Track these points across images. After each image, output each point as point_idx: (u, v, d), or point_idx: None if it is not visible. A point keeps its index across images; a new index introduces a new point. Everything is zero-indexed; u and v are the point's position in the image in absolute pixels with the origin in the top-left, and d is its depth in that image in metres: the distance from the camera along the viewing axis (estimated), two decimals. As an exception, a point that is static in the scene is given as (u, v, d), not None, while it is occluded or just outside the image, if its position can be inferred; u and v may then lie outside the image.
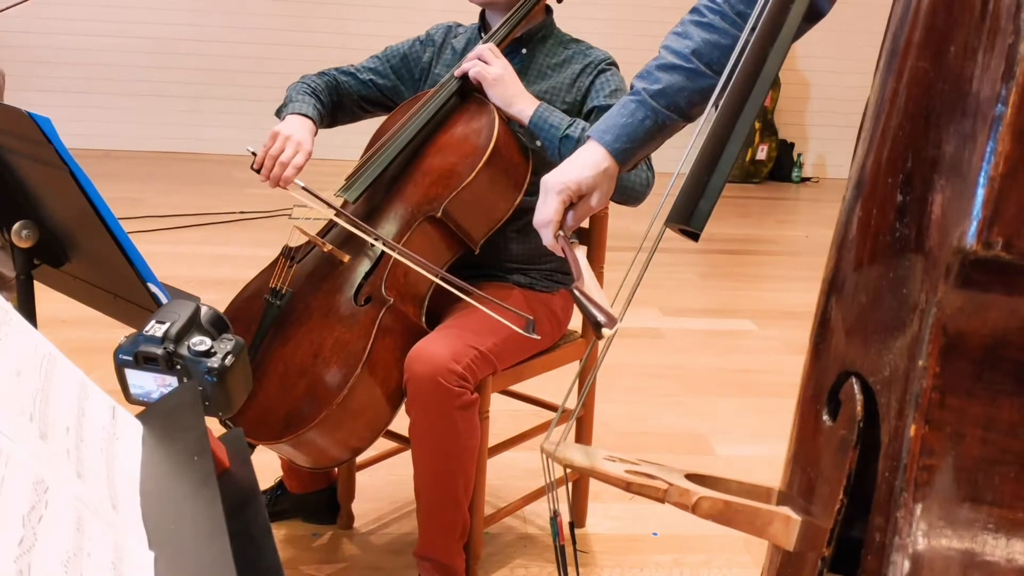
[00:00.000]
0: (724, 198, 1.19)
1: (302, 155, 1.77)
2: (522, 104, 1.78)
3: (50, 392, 0.56)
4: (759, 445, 2.65)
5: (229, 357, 0.93)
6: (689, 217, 0.70)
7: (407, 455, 1.78)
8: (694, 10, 1.26)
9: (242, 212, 4.97)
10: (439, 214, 1.74)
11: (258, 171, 1.77)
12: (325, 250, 1.77)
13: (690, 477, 0.82)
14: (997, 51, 0.56)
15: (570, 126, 1.75)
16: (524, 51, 1.93)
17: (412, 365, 1.65)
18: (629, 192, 1.71)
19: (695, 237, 0.77)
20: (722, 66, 1.17)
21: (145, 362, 0.92)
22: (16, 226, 1.27)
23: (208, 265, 4.07)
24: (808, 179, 7.25)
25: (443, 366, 1.64)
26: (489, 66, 1.79)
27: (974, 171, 0.57)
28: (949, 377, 0.59)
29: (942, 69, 0.61)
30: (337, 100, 1.99)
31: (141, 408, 0.78)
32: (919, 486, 0.60)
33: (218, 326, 1.00)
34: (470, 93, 1.85)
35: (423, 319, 1.77)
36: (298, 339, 1.70)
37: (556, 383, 1.97)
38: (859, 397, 0.64)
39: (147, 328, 0.94)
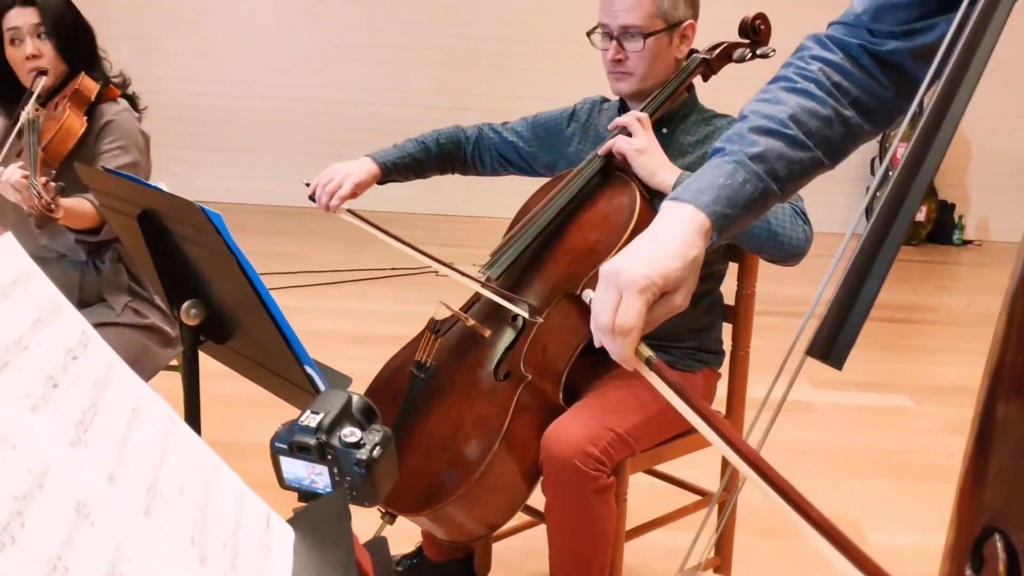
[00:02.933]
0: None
1: (347, 186, 1.95)
2: (665, 174, 1.78)
3: (210, 507, 0.61)
4: (915, 534, 2.51)
5: (377, 449, 0.97)
6: (828, 353, 0.69)
7: (544, 528, 1.79)
8: (781, 77, 1.14)
9: (392, 268, 5.15)
10: (579, 291, 1.76)
11: (313, 199, 1.99)
12: (468, 324, 1.81)
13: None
14: None
15: None
16: (665, 131, 1.94)
17: (548, 445, 1.66)
18: (789, 249, 1.67)
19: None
20: (821, 139, 1.11)
21: (299, 451, 0.97)
22: (185, 305, 1.37)
23: (361, 321, 4.23)
24: (970, 242, 6.88)
25: (579, 448, 1.64)
26: (634, 139, 1.81)
27: None
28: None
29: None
30: (463, 153, 2.13)
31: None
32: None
33: (367, 415, 1.04)
34: (612, 172, 1.87)
35: (560, 396, 1.78)
36: (441, 412, 1.74)
37: (698, 460, 1.94)
38: (1002, 557, 0.60)
39: (302, 418, 0.99)
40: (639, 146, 1.79)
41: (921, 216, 6.73)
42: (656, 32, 1.84)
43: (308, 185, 2.00)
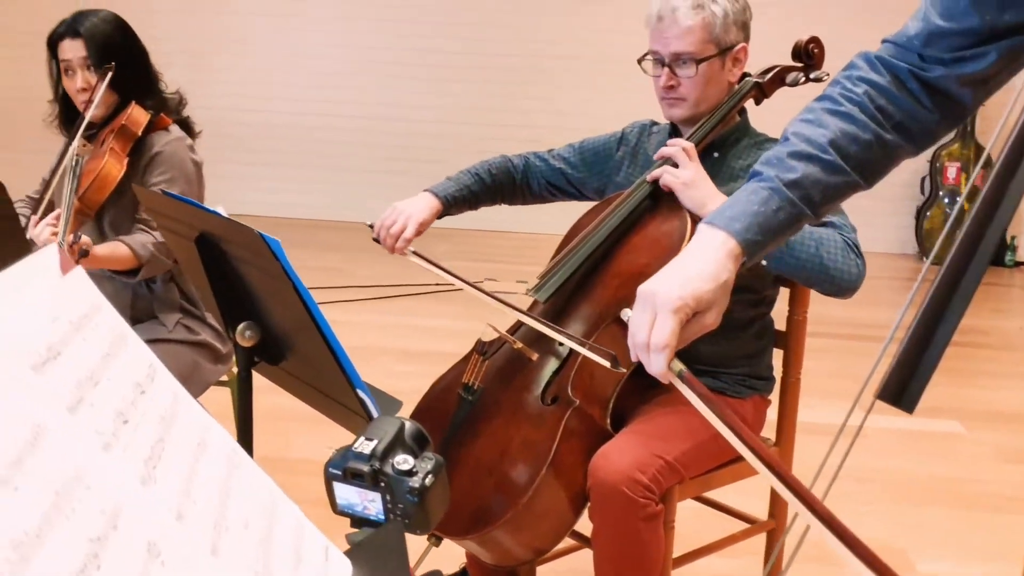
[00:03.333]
0: (929, 282, 1.10)
1: (411, 228, 1.96)
2: (713, 206, 1.77)
3: (272, 540, 0.61)
4: (965, 563, 2.45)
5: (429, 477, 0.97)
6: (900, 399, 0.67)
7: (589, 553, 1.77)
8: (826, 97, 1.16)
9: (437, 284, 5.18)
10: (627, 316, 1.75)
11: (378, 241, 2.00)
12: (515, 347, 1.81)
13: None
14: None
15: None
16: (716, 155, 1.93)
17: (596, 472, 1.65)
18: (841, 284, 1.66)
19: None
20: (858, 163, 1.13)
21: (352, 477, 0.98)
22: (241, 327, 1.38)
23: (408, 337, 4.26)
24: (1022, 263, 6.74)
25: (628, 475, 1.63)
26: (681, 170, 1.80)
27: None
28: None
29: None
30: (513, 181, 2.12)
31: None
32: None
33: (419, 442, 1.04)
34: (662, 196, 1.86)
35: (608, 421, 1.77)
36: (488, 435, 1.74)
37: (747, 485, 1.91)
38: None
39: (356, 445, 0.99)
40: (686, 179, 1.78)
41: (972, 236, 6.61)
42: (708, 57, 1.83)
43: (372, 227, 2.01)
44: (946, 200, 6.44)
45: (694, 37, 1.82)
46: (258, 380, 1.52)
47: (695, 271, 1.09)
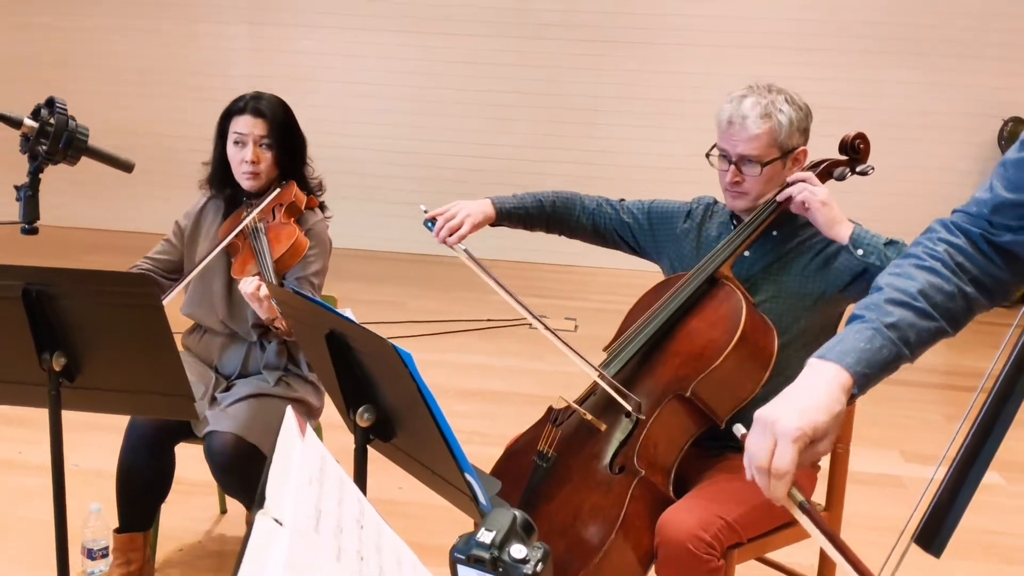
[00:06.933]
0: (973, 323, 1.26)
1: (467, 227, 2.15)
2: (840, 228, 1.95)
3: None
4: (1001, 619, 2.58)
5: (539, 565, 1.18)
6: (930, 545, 0.86)
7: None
8: (910, 255, 1.31)
9: (488, 320, 5.37)
10: (688, 393, 1.94)
11: (428, 228, 2.17)
12: (586, 418, 2.00)
13: None
14: None
15: (889, 239, 1.92)
16: (775, 233, 2.10)
17: (664, 531, 1.84)
18: None
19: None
20: (944, 311, 1.29)
21: (475, 562, 1.18)
22: (360, 410, 1.60)
23: (462, 374, 4.45)
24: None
25: (692, 533, 1.81)
26: (818, 189, 1.96)
27: None
28: None
29: None
30: (575, 219, 2.32)
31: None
32: None
33: (528, 530, 1.25)
34: (718, 281, 2.05)
35: (671, 488, 1.95)
36: (560, 499, 1.94)
37: (804, 546, 2.07)
38: None
39: (479, 535, 1.20)
40: (823, 197, 1.94)
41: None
42: (772, 161, 2.02)
43: (426, 211, 2.19)
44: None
45: (760, 143, 2.01)
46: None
47: (811, 402, 1.17)
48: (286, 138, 2.45)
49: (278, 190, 2.43)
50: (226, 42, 7.08)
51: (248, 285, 2.20)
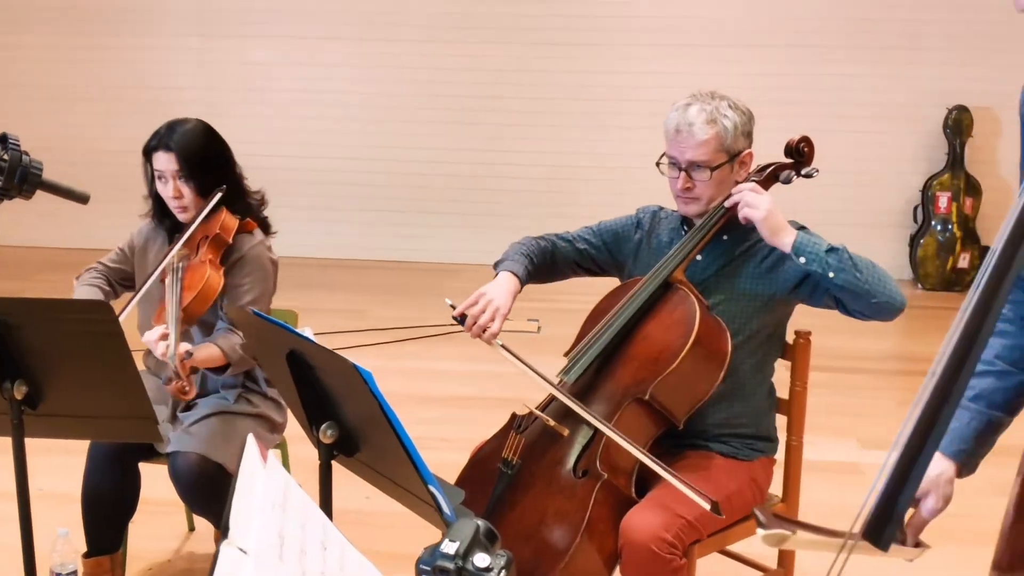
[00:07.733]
0: (925, 309, 1.32)
1: (498, 322, 2.06)
2: (783, 236, 1.99)
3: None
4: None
5: (503, 572, 1.21)
6: (878, 540, 0.90)
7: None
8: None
9: (451, 325, 5.36)
10: (646, 396, 1.98)
11: (458, 321, 2.07)
12: (548, 424, 2.04)
13: None
14: None
15: (831, 246, 1.97)
16: (725, 237, 2.16)
17: (627, 533, 1.89)
18: (884, 308, 1.96)
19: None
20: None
21: (440, 573, 1.21)
22: (323, 427, 1.62)
23: (425, 381, 4.46)
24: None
25: (655, 535, 1.86)
26: (759, 201, 2.00)
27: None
28: None
29: None
30: (551, 263, 2.28)
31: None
32: None
33: (491, 539, 1.28)
34: (673, 285, 2.10)
35: (633, 489, 2.00)
36: (525, 505, 1.97)
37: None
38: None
39: (443, 546, 1.23)
40: (764, 211, 1.98)
41: (964, 263, 6.82)
42: (720, 165, 2.08)
43: (453, 307, 2.08)
44: (938, 228, 6.68)
45: (708, 148, 2.06)
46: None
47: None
48: (201, 166, 2.37)
49: (197, 222, 2.35)
50: (177, 55, 7.03)
51: (152, 334, 2.18)
